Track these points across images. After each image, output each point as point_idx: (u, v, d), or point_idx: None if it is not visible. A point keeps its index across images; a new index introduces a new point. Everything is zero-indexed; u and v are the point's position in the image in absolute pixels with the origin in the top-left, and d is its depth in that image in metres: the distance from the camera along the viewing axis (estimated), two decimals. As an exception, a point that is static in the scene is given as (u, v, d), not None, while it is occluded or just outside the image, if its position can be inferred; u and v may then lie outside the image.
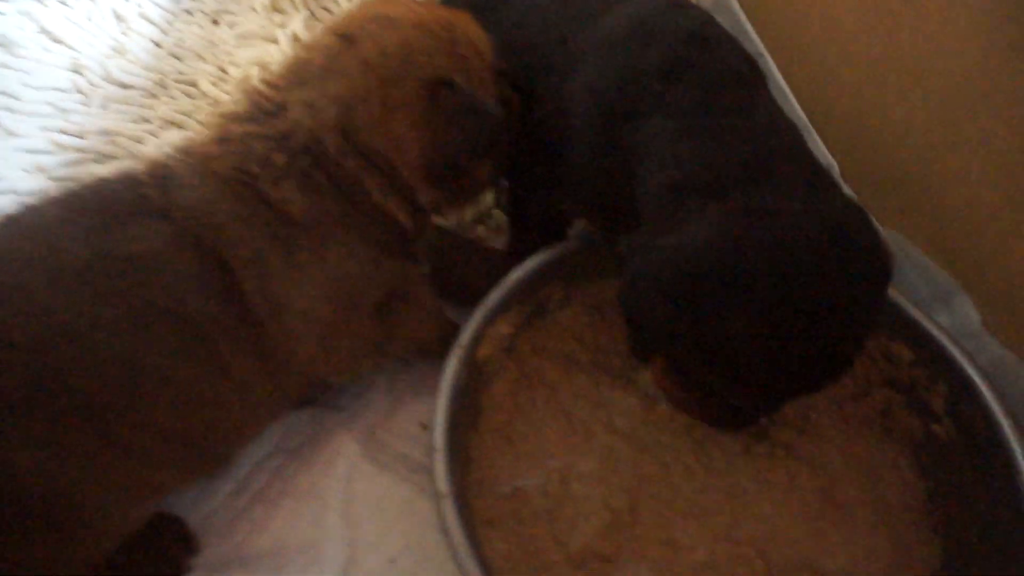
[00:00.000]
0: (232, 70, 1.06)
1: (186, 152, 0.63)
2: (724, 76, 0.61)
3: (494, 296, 0.71)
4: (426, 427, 0.76)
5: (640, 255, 0.58)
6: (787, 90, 0.98)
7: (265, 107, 0.62)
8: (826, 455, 0.73)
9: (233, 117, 0.63)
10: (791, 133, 0.61)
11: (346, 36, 0.63)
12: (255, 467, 0.73)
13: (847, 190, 0.88)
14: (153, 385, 0.56)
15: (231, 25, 1.13)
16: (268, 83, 0.63)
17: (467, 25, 0.67)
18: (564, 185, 0.72)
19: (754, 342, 0.53)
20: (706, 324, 0.54)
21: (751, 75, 0.64)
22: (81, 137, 0.95)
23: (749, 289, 0.53)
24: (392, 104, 0.61)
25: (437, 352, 0.71)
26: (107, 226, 0.56)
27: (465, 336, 0.68)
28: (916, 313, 0.72)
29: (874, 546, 0.68)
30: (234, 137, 0.61)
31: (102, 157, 0.94)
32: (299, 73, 0.63)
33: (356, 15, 0.66)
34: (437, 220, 0.84)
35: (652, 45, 0.63)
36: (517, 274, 0.73)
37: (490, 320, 0.71)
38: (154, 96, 1.02)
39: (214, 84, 1.04)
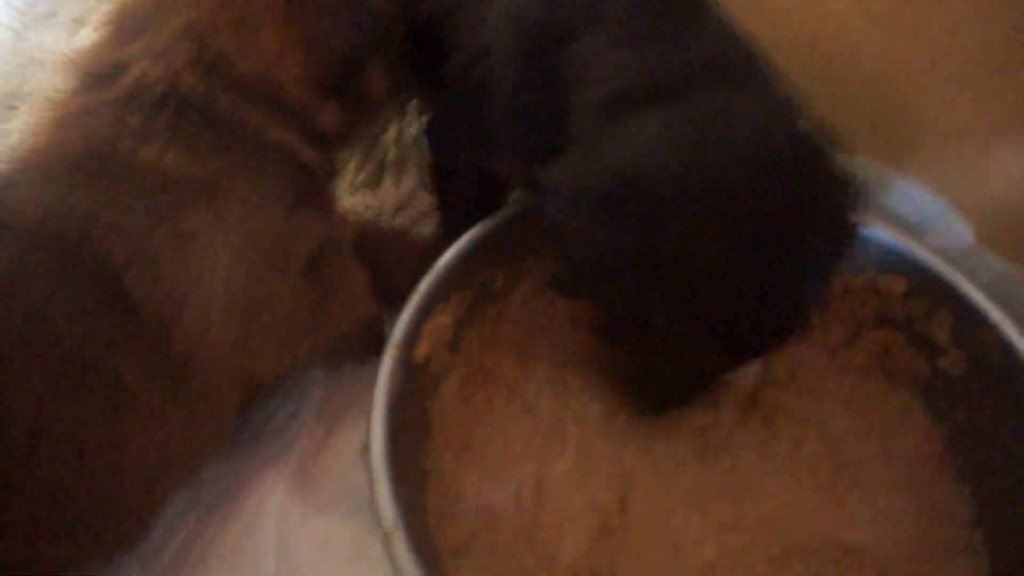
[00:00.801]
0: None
1: (20, 153, 0.51)
2: None
3: (426, 284, 0.60)
4: (368, 448, 0.65)
5: (577, 161, 0.50)
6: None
7: (101, 72, 0.51)
8: (828, 411, 0.65)
9: (64, 96, 0.51)
10: (748, 45, 0.53)
11: None
12: (166, 529, 0.60)
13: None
14: (28, 436, 0.45)
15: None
16: (93, 49, 0.52)
17: None
18: (493, 138, 0.62)
19: (719, 263, 0.45)
20: (660, 243, 0.46)
21: None
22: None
23: (710, 201, 0.45)
24: (249, 13, 0.52)
25: (371, 344, 0.61)
26: None
27: (398, 334, 0.57)
28: (902, 240, 0.64)
29: (898, 508, 0.60)
30: (72, 115, 0.50)
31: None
32: (126, 25, 0.52)
33: None
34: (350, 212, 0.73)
35: None
36: (450, 256, 0.62)
37: (426, 313, 0.60)
38: (12, 108, 0.88)
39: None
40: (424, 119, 0.82)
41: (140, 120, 0.49)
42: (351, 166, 0.83)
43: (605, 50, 0.52)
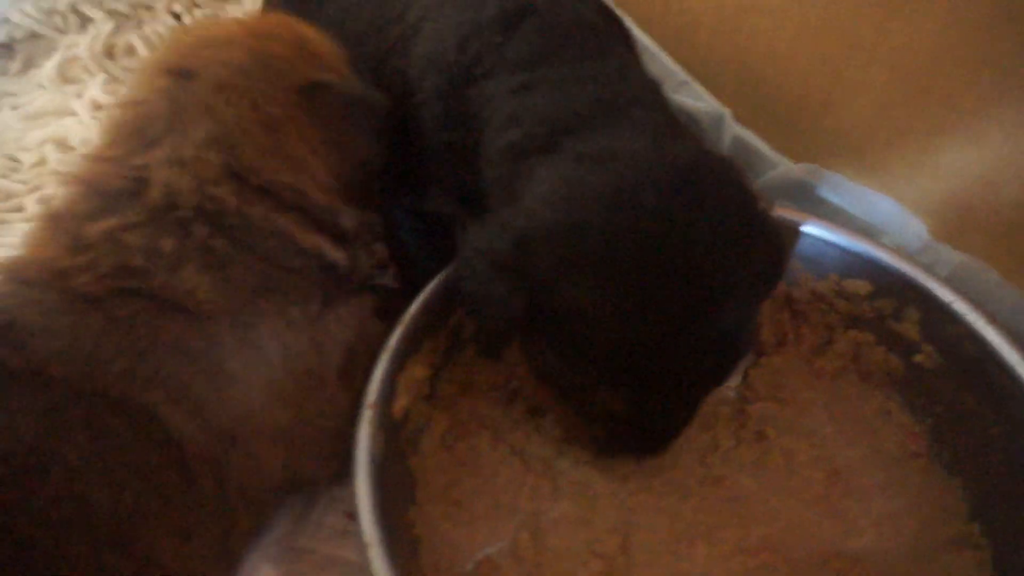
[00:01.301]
0: (24, 156, 0.88)
1: (21, 278, 0.46)
2: (571, 25, 0.54)
3: (396, 335, 0.58)
4: (353, 516, 0.62)
5: (476, 229, 0.50)
6: (655, 48, 0.91)
7: (117, 187, 0.48)
8: (814, 420, 0.64)
9: (76, 216, 0.48)
10: (646, 85, 0.54)
11: (183, 71, 0.52)
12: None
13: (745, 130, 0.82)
14: None
15: (14, 108, 0.95)
16: (100, 159, 0.49)
17: (299, 25, 0.58)
18: (424, 179, 0.62)
19: (604, 309, 0.44)
20: (548, 296, 0.45)
21: (605, 26, 0.57)
22: None
23: (587, 246, 0.44)
24: (275, 123, 0.51)
25: None
26: None
27: (373, 391, 0.54)
28: (861, 241, 0.65)
29: (893, 510, 0.59)
30: (94, 240, 0.46)
31: None
32: (139, 132, 0.50)
33: (179, 49, 0.55)
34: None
35: None
36: (418, 305, 0.60)
37: (399, 366, 0.57)
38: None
39: (3, 176, 0.85)
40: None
41: (172, 245, 0.47)
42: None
43: (505, 95, 0.53)
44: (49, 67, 0.98)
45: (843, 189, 0.73)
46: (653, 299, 0.43)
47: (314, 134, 0.53)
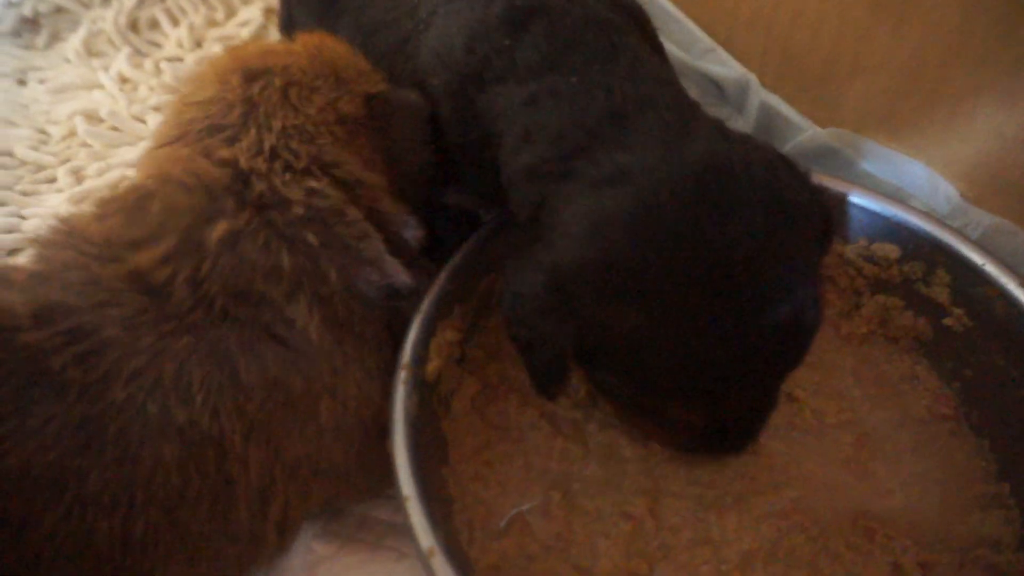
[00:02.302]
0: (53, 129, 0.89)
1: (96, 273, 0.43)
2: (579, 24, 0.52)
3: (429, 300, 0.59)
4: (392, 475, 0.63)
5: (512, 275, 0.49)
6: (680, 15, 0.90)
7: (218, 181, 0.46)
8: (841, 383, 0.65)
9: (182, 212, 0.45)
10: (658, 79, 0.51)
11: (254, 71, 0.52)
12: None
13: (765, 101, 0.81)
14: None
15: (41, 81, 0.96)
16: (178, 153, 0.48)
17: (333, 43, 0.58)
18: (444, 176, 0.61)
19: (656, 334, 0.43)
20: (596, 331, 0.45)
21: (618, 20, 0.54)
22: None
23: (624, 273, 0.43)
24: (350, 123, 0.52)
25: None
26: None
27: (406, 354, 0.55)
28: (890, 205, 0.65)
29: (922, 471, 0.60)
30: (212, 248, 0.44)
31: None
32: (215, 128, 0.49)
33: (243, 54, 0.55)
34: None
35: None
36: (448, 270, 0.61)
37: (431, 329, 0.58)
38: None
39: (34, 148, 0.86)
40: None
41: (290, 264, 0.45)
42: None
43: (518, 107, 0.51)
44: (75, 41, 0.98)
45: (872, 153, 0.72)
46: (703, 312, 0.42)
47: (379, 142, 0.55)
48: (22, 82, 0.96)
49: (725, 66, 0.84)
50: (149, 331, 0.41)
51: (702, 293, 0.42)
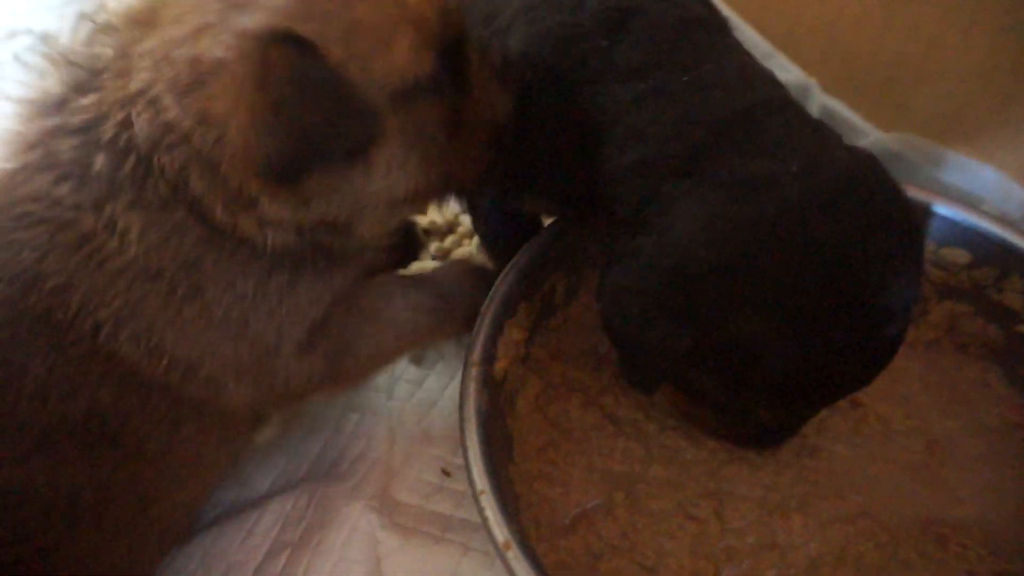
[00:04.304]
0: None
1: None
2: (679, 22, 0.52)
3: (496, 300, 0.60)
4: (448, 473, 0.64)
5: (618, 264, 0.48)
6: (738, 20, 0.90)
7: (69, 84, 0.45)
8: (908, 389, 0.64)
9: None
10: (769, 83, 0.51)
11: None
12: (256, 572, 0.58)
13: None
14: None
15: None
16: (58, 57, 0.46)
17: None
18: (519, 179, 0.60)
19: (780, 344, 0.44)
20: (715, 334, 0.45)
21: (711, 18, 0.54)
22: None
23: (759, 281, 0.43)
24: (206, 68, 0.41)
25: (451, 331, 0.61)
26: None
27: (477, 351, 0.56)
28: (960, 209, 0.64)
29: (996, 480, 0.58)
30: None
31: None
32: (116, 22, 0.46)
33: None
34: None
35: None
36: (514, 270, 0.62)
37: (499, 328, 0.59)
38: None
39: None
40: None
41: (106, 164, 0.43)
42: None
43: (623, 105, 0.50)
44: None
45: (940, 158, 0.71)
46: (832, 327, 0.44)
47: (247, 95, 0.42)
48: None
49: (785, 71, 0.83)
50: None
51: (835, 308, 0.43)
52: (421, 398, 0.70)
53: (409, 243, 0.77)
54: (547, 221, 0.67)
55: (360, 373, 0.59)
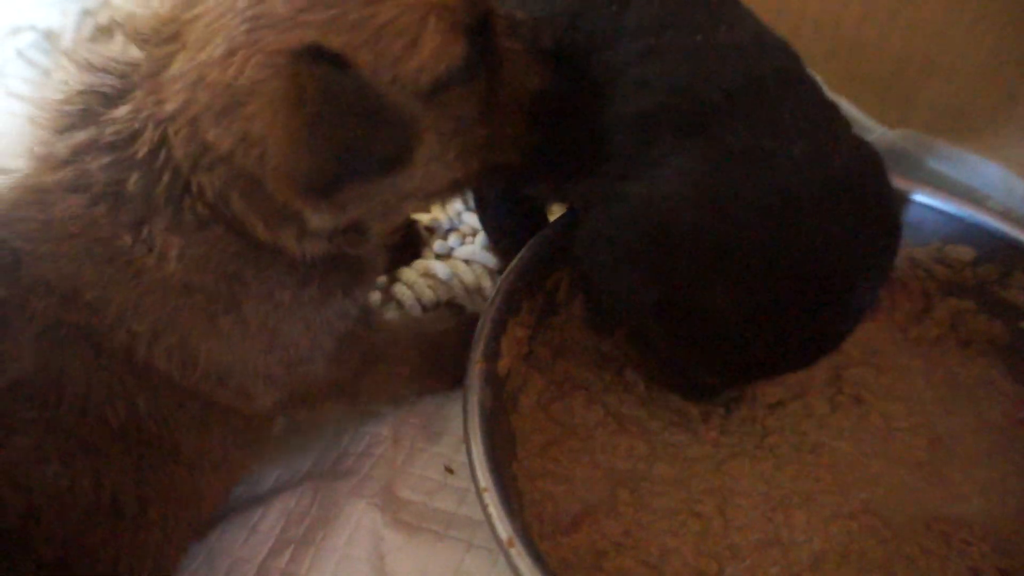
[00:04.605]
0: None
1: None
2: None
3: (499, 296, 0.60)
4: (451, 470, 0.64)
5: (601, 206, 0.48)
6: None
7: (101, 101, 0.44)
8: (911, 386, 0.64)
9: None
10: (785, 53, 0.51)
11: None
12: (260, 569, 0.59)
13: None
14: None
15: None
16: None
17: None
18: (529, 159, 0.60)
19: (738, 317, 0.45)
20: (681, 295, 0.45)
21: None
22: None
23: (736, 258, 0.44)
24: (241, 89, 0.40)
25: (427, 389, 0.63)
26: None
27: (480, 348, 0.56)
28: (965, 206, 0.63)
29: (1000, 477, 0.58)
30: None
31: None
32: (144, 35, 0.45)
33: None
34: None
35: None
36: (514, 270, 0.62)
37: (501, 326, 0.59)
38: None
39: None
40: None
41: (140, 187, 0.44)
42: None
43: (632, 59, 0.50)
44: (147, 45, 1.02)
45: (944, 154, 0.71)
46: (795, 310, 0.45)
47: (283, 113, 0.42)
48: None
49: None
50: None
51: (802, 294, 0.44)
52: (425, 403, 0.70)
53: (411, 241, 0.77)
54: (552, 216, 0.68)
55: (367, 398, 0.63)
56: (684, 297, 0.45)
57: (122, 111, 0.43)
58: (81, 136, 0.44)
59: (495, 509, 0.48)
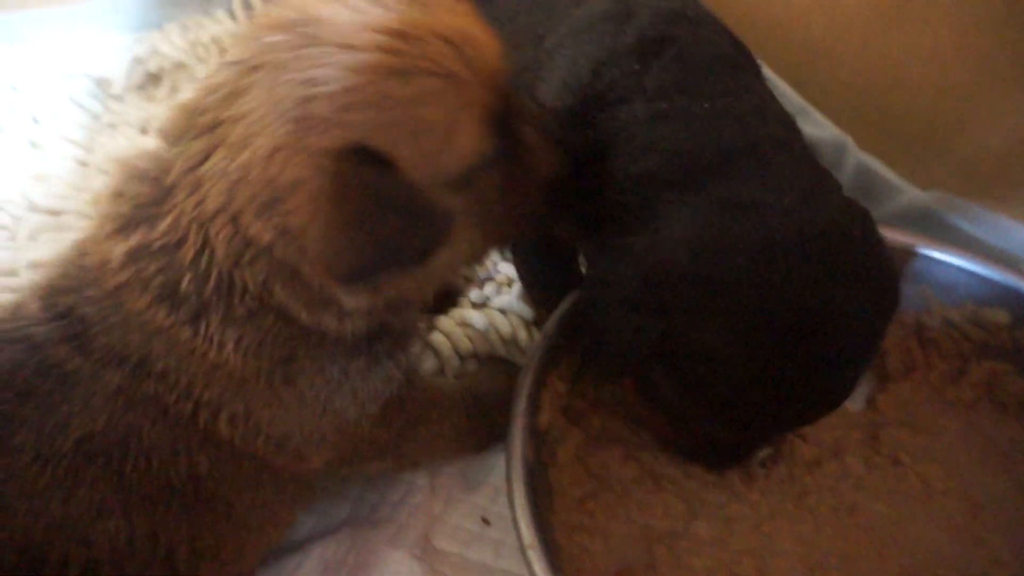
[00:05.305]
0: (173, 174, 0.95)
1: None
2: (708, 57, 0.55)
3: (540, 352, 0.61)
4: (488, 522, 0.64)
5: (604, 257, 0.51)
6: (772, 76, 0.92)
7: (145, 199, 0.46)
8: (948, 448, 0.64)
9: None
10: (784, 123, 0.54)
11: (247, 64, 0.44)
12: (297, 618, 0.59)
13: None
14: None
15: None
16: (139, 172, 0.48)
17: (462, 26, 0.45)
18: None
19: (735, 359, 0.46)
20: (680, 337, 0.47)
21: (740, 59, 0.57)
22: (14, 275, 0.82)
23: (729, 296, 0.45)
24: (283, 185, 0.42)
25: (470, 449, 0.64)
26: None
27: (522, 403, 0.57)
28: (999, 269, 0.64)
29: (1040, 543, 0.58)
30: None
31: (41, 294, 0.81)
32: (177, 131, 0.46)
33: (274, 18, 0.45)
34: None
35: (630, 24, 0.56)
36: (554, 324, 0.63)
37: (542, 380, 0.60)
38: (89, 217, 0.90)
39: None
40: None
41: (190, 285, 0.46)
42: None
43: (643, 121, 0.53)
44: (191, 92, 1.05)
45: (976, 216, 0.72)
46: (787, 360, 0.46)
47: (324, 208, 0.43)
48: (144, 131, 1.03)
49: (819, 127, 0.85)
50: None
51: (796, 341, 0.45)
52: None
53: (448, 291, 0.79)
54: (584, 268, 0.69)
55: (420, 456, 0.64)
56: (681, 337, 0.47)
57: (167, 219, 0.45)
58: (133, 242, 0.46)
59: (540, 568, 0.48)
